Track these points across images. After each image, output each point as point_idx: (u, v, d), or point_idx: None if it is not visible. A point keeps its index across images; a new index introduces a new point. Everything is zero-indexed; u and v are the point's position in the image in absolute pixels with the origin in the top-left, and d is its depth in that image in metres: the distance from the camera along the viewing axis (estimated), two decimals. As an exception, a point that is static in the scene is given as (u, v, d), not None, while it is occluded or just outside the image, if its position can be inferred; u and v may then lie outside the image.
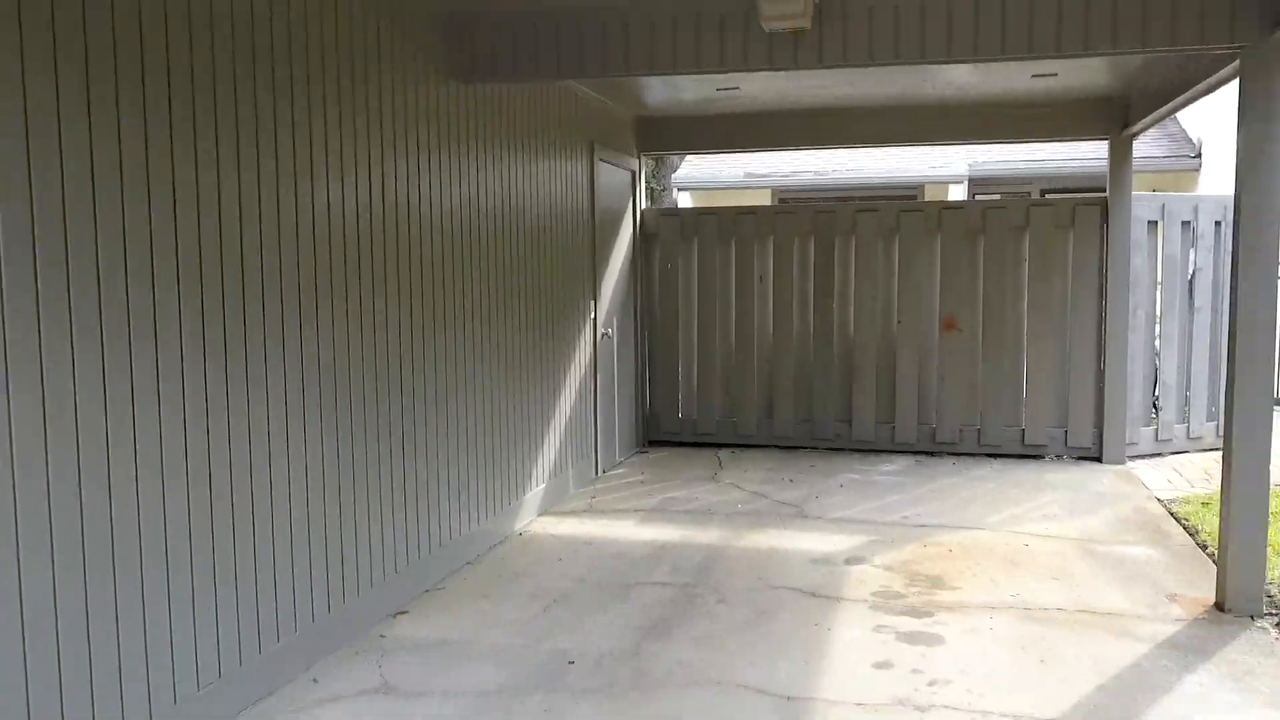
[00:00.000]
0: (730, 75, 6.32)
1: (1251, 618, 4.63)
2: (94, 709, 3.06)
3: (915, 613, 4.72)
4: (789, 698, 3.81)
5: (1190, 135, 15.81)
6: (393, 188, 4.75)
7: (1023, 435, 8.28)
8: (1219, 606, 4.76)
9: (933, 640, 4.38)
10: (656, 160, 15.08)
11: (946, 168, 15.03)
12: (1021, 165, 15.03)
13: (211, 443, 3.56)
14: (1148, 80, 6.80)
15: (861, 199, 14.82)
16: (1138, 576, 5.25)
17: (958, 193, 15.48)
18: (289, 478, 4.01)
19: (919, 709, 3.71)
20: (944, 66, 6.26)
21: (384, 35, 4.66)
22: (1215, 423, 8.32)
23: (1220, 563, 4.81)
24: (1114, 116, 7.77)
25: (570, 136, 7.08)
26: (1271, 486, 4.84)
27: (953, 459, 8.29)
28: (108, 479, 3.10)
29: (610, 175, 7.98)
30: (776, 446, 8.80)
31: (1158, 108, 6.61)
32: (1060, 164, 14.86)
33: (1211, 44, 4.55)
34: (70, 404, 2.97)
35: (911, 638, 4.41)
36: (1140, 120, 7.21)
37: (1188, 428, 8.34)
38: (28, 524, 2.83)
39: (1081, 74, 6.80)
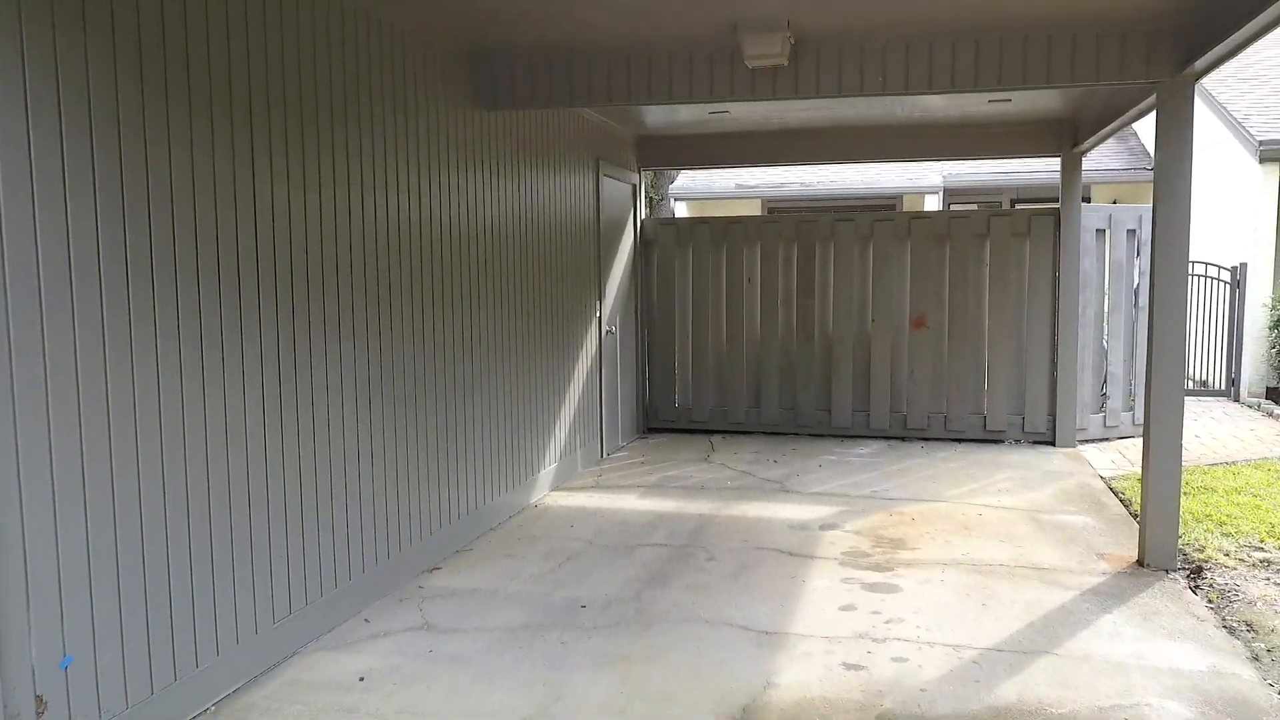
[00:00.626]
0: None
1: (1166, 571, 5.16)
2: (196, 631, 3.59)
3: (878, 568, 5.25)
4: (766, 632, 4.34)
5: (1148, 149, 16.30)
6: (427, 201, 5.28)
7: (984, 422, 8.82)
8: (1140, 563, 5.30)
9: (891, 589, 4.91)
10: (655, 172, 15.59)
11: (923, 179, 15.55)
12: (991, 176, 15.55)
13: (284, 423, 4.09)
14: (1091, 105, 7.34)
15: (844, 208, 15.36)
16: (1074, 539, 5.78)
17: (933, 202, 15.99)
18: (344, 453, 4.54)
19: (876, 640, 4.24)
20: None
21: (420, 71, 5.19)
22: (1131, 411, 8.86)
23: (1141, 526, 5.35)
24: (1064, 136, 8.31)
25: (577, 154, 7.61)
26: (1192, 464, 5.37)
27: (921, 443, 8.83)
28: (206, 449, 3.63)
29: (613, 188, 8.50)
30: (763, 432, 9.33)
31: (1099, 129, 7.15)
32: (1028, 175, 15.39)
33: (1131, 80, 5.09)
34: (183, 383, 3.50)
35: (873, 587, 4.94)
36: (1086, 140, 7.75)
37: (1133, 414, 8.87)
38: (149, 486, 3.36)
39: (1034, 99, 7.31)
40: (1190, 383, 12.12)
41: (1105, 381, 8.87)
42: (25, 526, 2.90)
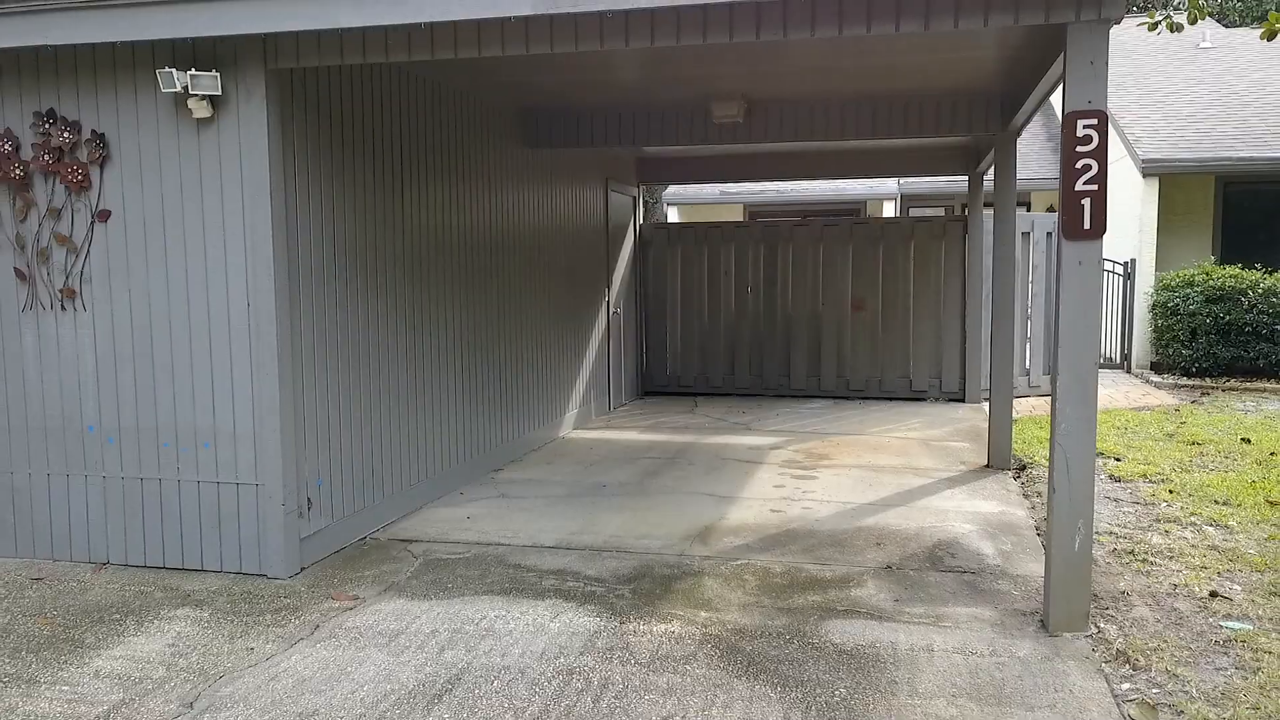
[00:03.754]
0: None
1: (1003, 470, 7.43)
2: (372, 482, 5.85)
3: (805, 468, 7.53)
4: (723, 497, 6.61)
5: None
6: (490, 213, 7.54)
7: (910, 383, 11.11)
8: (987, 465, 7.57)
9: (810, 478, 7.19)
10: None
11: (881, 187, 17.78)
12: (943, 184, 17.75)
13: (412, 359, 6.36)
14: (985, 141, 9.61)
15: (813, 213, 17.74)
16: (949, 454, 8.06)
17: (890, 207, 18.27)
18: (446, 384, 6.80)
19: (793, 500, 6.51)
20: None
21: (486, 125, 7.45)
22: (1049, 375, 11.14)
23: (989, 440, 7.62)
24: (969, 160, 10.58)
25: (591, 174, 9.87)
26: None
27: (860, 400, 11.12)
28: (378, 372, 5.90)
29: (618, 200, 10.77)
30: (737, 393, 11.61)
31: (990, 158, 9.42)
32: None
33: (976, 132, 7.37)
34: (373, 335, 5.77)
35: (798, 477, 7.22)
36: (981, 164, 10.02)
37: (1028, 379, 11.15)
38: (353, 394, 5.63)
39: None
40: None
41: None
42: (305, 411, 5.16)
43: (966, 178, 10.82)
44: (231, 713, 3.51)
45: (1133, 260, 13.30)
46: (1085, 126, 3.95)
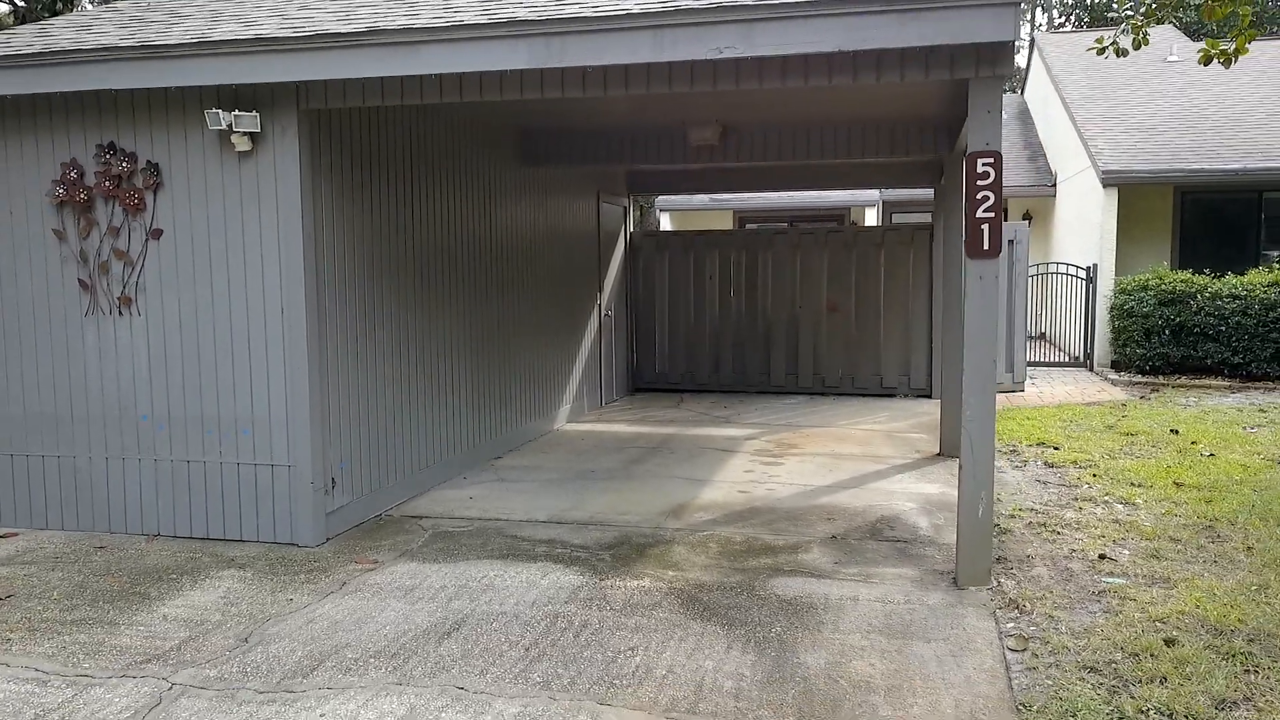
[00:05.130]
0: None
1: (952, 457, 8.20)
2: (386, 465, 6.63)
3: (774, 456, 8.31)
4: (698, 480, 7.39)
5: (1052, 168, 19.32)
6: (490, 222, 8.32)
7: (881, 380, 11.89)
8: (939, 454, 8.35)
9: (777, 464, 7.97)
10: (643, 188, 18.54)
11: (863, 194, 18.56)
12: (920, 192, 18.53)
13: (427, 366, 7.14)
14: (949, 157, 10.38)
15: (799, 218, 18.49)
16: (907, 444, 8.84)
17: (872, 213, 19.05)
18: (454, 384, 7.58)
19: (759, 483, 7.29)
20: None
21: (491, 145, 8.23)
22: (1011, 372, 11.93)
23: (940, 431, 8.40)
24: (935, 174, 11.32)
25: (584, 187, 10.65)
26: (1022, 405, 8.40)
27: (835, 396, 11.90)
28: (399, 362, 6.68)
29: (609, 210, 11.55)
30: (720, 390, 12.40)
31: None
32: (948, 192, 18.34)
33: (928, 154, 8.15)
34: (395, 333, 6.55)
35: (767, 464, 8.00)
36: (944, 177, 10.78)
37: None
38: (378, 380, 6.41)
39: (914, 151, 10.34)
40: (1064, 356, 15.20)
41: (970, 351, 11.91)
42: (329, 403, 5.94)
43: (933, 190, 11.58)
44: (279, 645, 4.29)
45: (1095, 265, 14.08)
46: (984, 164, 4.73)
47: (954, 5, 4.37)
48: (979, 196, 4.76)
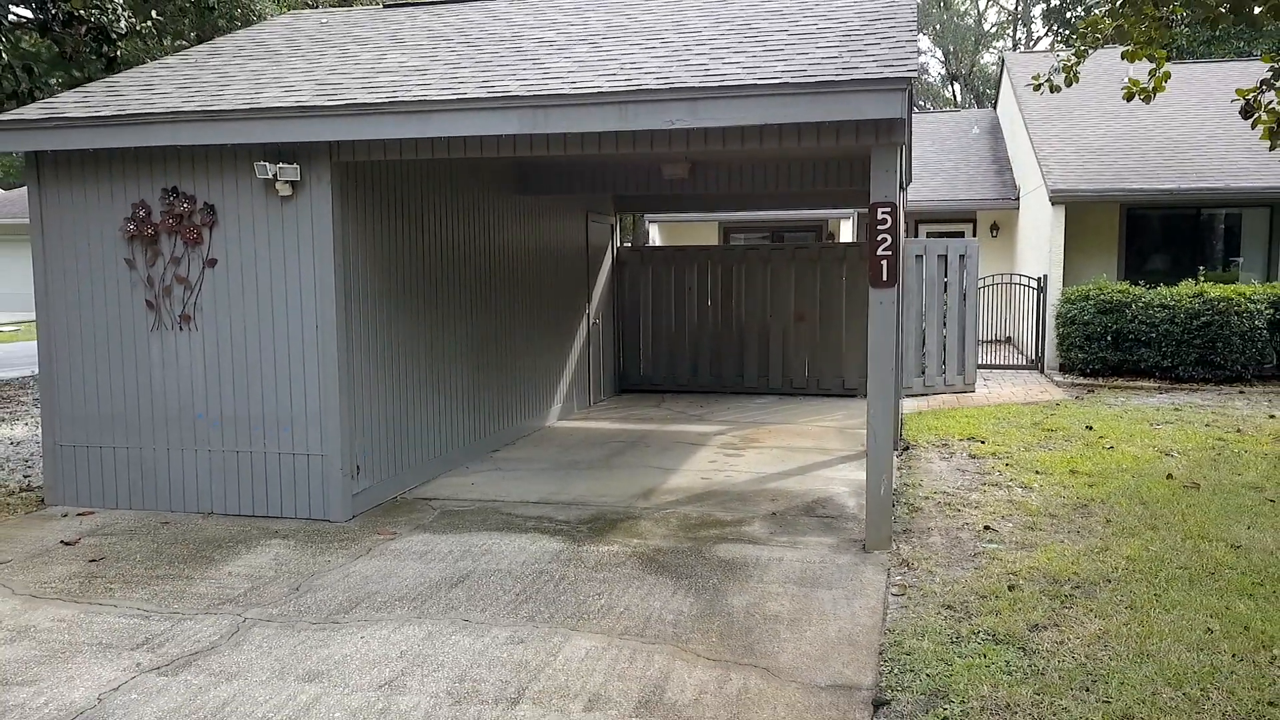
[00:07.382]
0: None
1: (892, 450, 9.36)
2: (398, 455, 7.80)
3: (737, 449, 9.47)
4: (668, 469, 8.56)
5: (1017, 182, 20.48)
6: (489, 243, 9.48)
7: (843, 382, 13.06)
8: (881, 447, 9.49)
9: (738, 456, 9.13)
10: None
11: (840, 209, 19.67)
12: (894, 205, 19.69)
13: (435, 371, 8.30)
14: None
15: (780, 230, 19.60)
16: (856, 439, 10.00)
17: (848, 226, 20.20)
18: (458, 386, 8.74)
19: (720, 472, 8.45)
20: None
21: (493, 179, 9.40)
22: (961, 374, 13.10)
23: (883, 427, 9.55)
24: (890, 195, 12.51)
25: (574, 208, 11.82)
26: (967, 405, 9.56)
27: (802, 396, 13.07)
28: (416, 370, 7.85)
29: (597, 228, 12.71)
30: (699, 391, 13.56)
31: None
32: (926, 203, 19.55)
33: (859, 188, 9.30)
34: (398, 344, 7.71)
35: (729, 456, 9.16)
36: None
37: (944, 377, 13.10)
38: (394, 384, 7.57)
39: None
40: (1022, 358, 16.36)
41: (924, 354, 13.10)
42: (355, 403, 7.11)
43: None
44: (324, 593, 5.46)
45: (1045, 276, 15.25)
46: (882, 213, 5.90)
47: (851, 90, 5.53)
48: (879, 238, 5.93)
